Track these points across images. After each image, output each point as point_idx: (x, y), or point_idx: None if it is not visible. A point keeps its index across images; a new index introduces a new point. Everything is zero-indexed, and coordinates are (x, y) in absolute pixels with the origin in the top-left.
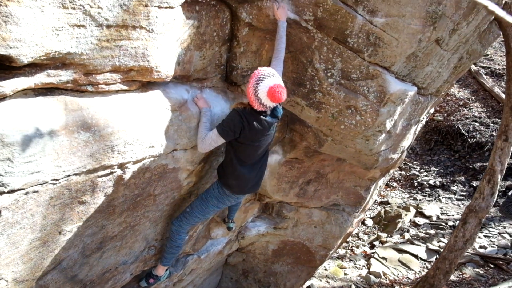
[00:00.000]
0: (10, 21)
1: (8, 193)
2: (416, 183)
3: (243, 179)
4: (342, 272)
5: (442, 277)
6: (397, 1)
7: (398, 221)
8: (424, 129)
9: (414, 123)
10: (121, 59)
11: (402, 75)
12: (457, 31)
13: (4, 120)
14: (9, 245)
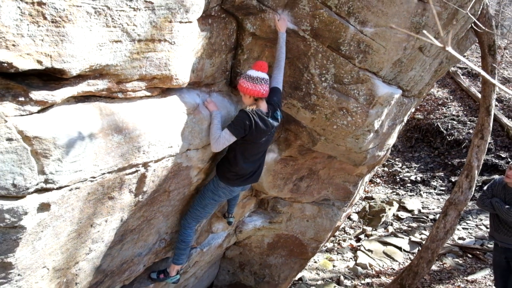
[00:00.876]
0: (65, 39)
1: (57, 189)
2: (398, 179)
3: (242, 173)
4: (330, 264)
5: (425, 266)
6: (385, 13)
7: (382, 215)
8: (405, 127)
9: (399, 123)
10: (147, 68)
11: (388, 79)
12: (438, 38)
13: (55, 125)
14: (53, 236)
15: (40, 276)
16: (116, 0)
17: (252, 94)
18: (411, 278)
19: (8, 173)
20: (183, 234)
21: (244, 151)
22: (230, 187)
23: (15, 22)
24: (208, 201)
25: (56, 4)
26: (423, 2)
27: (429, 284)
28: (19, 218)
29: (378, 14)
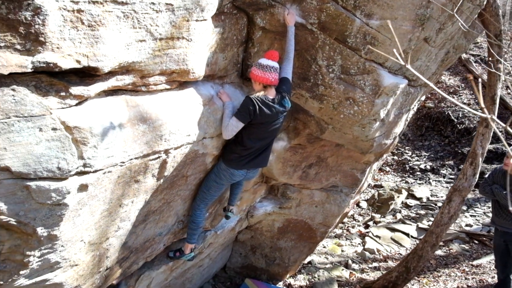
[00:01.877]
0: (99, 41)
1: (93, 173)
2: (408, 168)
3: (244, 154)
4: (339, 249)
5: (430, 249)
6: (390, 5)
7: (390, 203)
8: (415, 116)
9: (405, 112)
10: (167, 64)
11: (394, 69)
12: (443, 30)
13: (90, 116)
14: (89, 214)
15: (78, 248)
16: (142, 4)
17: (262, 81)
18: (416, 261)
19: (54, 158)
20: (193, 215)
21: (250, 134)
22: (230, 170)
23: (59, 28)
24: (212, 183)
25: (92, 10)
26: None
27: (434, 268)
28: (63, 196)
29: (384, 7)
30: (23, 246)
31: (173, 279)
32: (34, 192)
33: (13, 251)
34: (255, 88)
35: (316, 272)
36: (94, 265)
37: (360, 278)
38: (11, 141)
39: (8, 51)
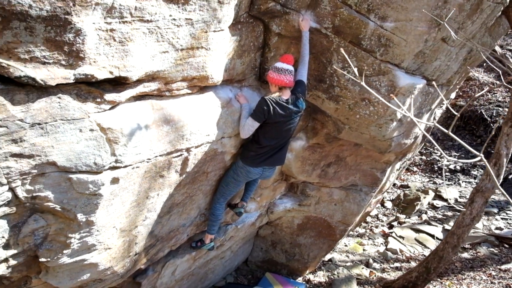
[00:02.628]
0: (128, 54)
1: (124, 168)
2: (436, 168)
3: (260, 152)
4: (361, 248)
5: (451, 250)
6: (405, 7)
7: (416, 204)
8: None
9: (426, 111)
10: (188, 71)
11: (412, 69)
12: (463, 29)
13: (121, 118)
14: (120, 204)
15: (111, 233)
16: (164, 21)
17: (277, 83)
18: (436, 262)
19: (91, 154)
20: (213, 208)
21: (265, 133)
22: (247, 167)
23: (95, 45)
24: (230, 179)
25: (122, 29)
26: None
27: (459, 270)
28: (99, 188)
29: (398, 9)
30: (66, 229)
31: (196, 268)
32: (75, 183)
33: (58, 233)
34: (272, 90)
35: (336, 269)
36: (125, 249)
37: (380, 277)
38: (57, 140)
39: (55, 66)
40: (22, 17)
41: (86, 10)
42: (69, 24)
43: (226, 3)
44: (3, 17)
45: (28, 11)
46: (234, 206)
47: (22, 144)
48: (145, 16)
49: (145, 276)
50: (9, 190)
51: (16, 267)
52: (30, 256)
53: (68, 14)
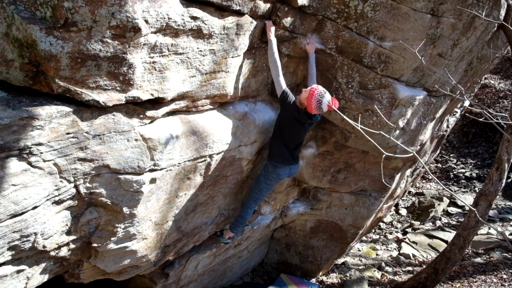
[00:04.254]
0: (165, 80)
1: (160, 170)
2: (452, 175)
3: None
4: (374, 253)
5: (457, 252)
6: (401, 28)
7: (431, 210)
8: (461, 122)
9: (429, 120)
10: (211, 90)
11: (412, 82)
12: (458, 45)
13: (158, 130)
14: (155, 200)
15: (148, 225)
16: (193, 52)
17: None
18: (444, 263)
19: (135, 159)
20: (244, 211)
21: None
22: (277, 169)
23: (141, 73)
24: (263, 185)
25: (161, 61)
26: (436, 16)
27: (471, 274)
28: (140, 186)
29: (395, 30)
30: (113, 220)
31: (216, 264)
32: (123, 182)
33: (107, 223)
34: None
35: (348, 271)
36: (157, 241)
37: (392, 279)
38: (111, 148)
39: (113, 91)
40: (93, 58)
41: (136, 49)
42: (124, 60)
43: (242, 34)
44: (82, 59)
45: (98, 54)
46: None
47: (86, 151)
48: (179, 50)
49: (172, 268)
50: (74, 187)
51: (74, 250)
52: (85, 242)
53: (124, 53)
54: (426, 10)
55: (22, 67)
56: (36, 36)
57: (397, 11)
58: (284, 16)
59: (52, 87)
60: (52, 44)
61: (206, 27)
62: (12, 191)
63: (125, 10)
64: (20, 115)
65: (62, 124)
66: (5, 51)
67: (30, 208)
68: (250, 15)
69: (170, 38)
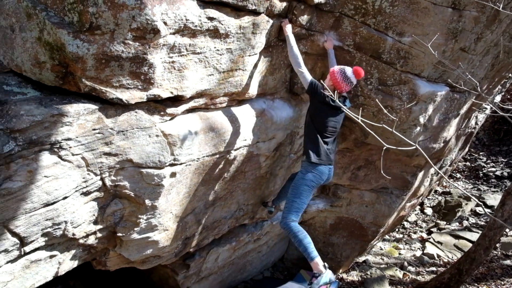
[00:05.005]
0: (184, 78)
1: (179, 165)
2: (481, 174)
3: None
4: (397, 252)
5: (483, 252)
6: (421, 23)
7: (457, 210)
8: (492, 119)
9: (453, 117)
10: (228, 88)
11: (434, 78)
12: (482, 39)
13: (178, 127)
14: (176, 194)
15: (169, 217)
16: (210, 52)
17: (336, 85)
18: (468, 263)
19: (156, 154)
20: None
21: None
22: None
23: (161, 73)
24: (302, 188)
25: (180, 60)
26: (458, 10)
27: (499, 276)
28: (161, 179)
29: (414, 26)
30: (136, 212)
31: (236, 258)
32: (145, 176)
33: (131, 214)
34: (327, 85)
35: (369, 270)
36: (178, 232)
37: (414, 279)
38: (134, 143)
39: (134, 90)
40: (116, 59)
41: (156, 50)
42: (145, 61)
43: (258, 33)
44: (106, 60)
45: (121, 55)
46: (266, 205)
47: (111, 146)
48: (196, 50)
49: (193, 260)
50: (100, 180)
51: (101, 239)
52: (110, 232)
53: (145, 54)
54: (447, 4)
55: (53, 68)
56: (64, 39)
57: (416, 5)
58: (300, 14)
59: (80, 86)
60: (79, 46)
61: (222, 27)
62: (44, 182)
63: (145, 13)
64: (51, 112)
65: (89, 121)
66: (38, 54)
67: (61, 198)
68: (266, 14)
69: (188, 38)
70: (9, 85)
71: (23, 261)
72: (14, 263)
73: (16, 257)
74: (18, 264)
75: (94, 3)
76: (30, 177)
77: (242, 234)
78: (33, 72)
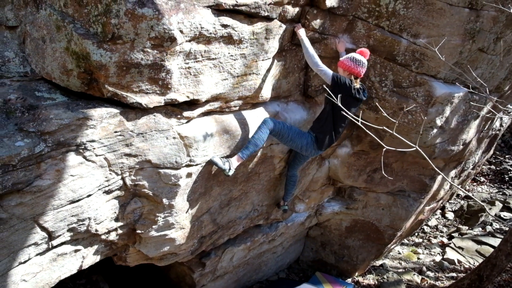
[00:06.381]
0: (199, 83)
1: (195, 165)
2: (507, 178)
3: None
4: (415, 256)
5: (504, 258)
6: (436, 25)
7: (480, 215)
8: None
9: (473, 118)
10: (242, 92)
11: (451, 79)
12: (502, 38)
13: (194, 129)
14: (191, 193)
15: (185, 216)
16: (224, 57)
17: (352, 72)
18: (489, 269)
19: (173, 155)
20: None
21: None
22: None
23: (178, 78)
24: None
25: (196, 66)
26: (475, 10)
27: None
28: (178, 179)
29: (430, 27)
30: (155, 210)
31: (251, 258)
32: (162, 176)
33: (149, 213)
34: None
35: (386, 273)
36: (194, 231)
37: (432, 284)
38: (152, 145)
39: (153, 95)
40: (136, 66)
41: (173, 57)
42: (163, 67)
43: (271, 38)
44: (126, 67)
45: (140, 62)
46: (279, 206)
47: (131, 147)
48: (211, 56)
49: (208, 258)
50: (121, 179)
51: (121, 235)
52: (130, 229)
53: (163, 61)
54: (463, 4)
55: (79, 75)
56: (89, 49)
57: (431, 7)
58: (313, 19)
59: (103, 91)
60: (102, 55)
61: (236, 34)
62: (70, 181)
63: (162, 22)
64: (77, 116)
65: (111, 124)
66: (66, 62)
67: (85, 196)
68: (279, 20)
69: (203, 45)
70: (40, 91)
71: (51, 254)
72: (42, 256)
73: (45, 250)
74: (46, 256)
75: (116, 15)
76: (58, 176)
77: (257, 234)
78: (61, 79)
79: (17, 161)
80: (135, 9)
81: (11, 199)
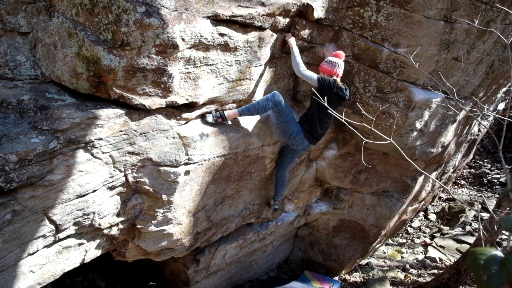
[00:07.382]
0: (198, 87)
1: (193, 164)
2: (486, 181)
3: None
4: (399, 255)
5: None
6: (415, 35)
7: (461, 216)
8: (497, 127)
9: (450, 122)
10: (236, 96)
11: (428, 85)
12: (475, 48)
13: (192, 130)
14: (188, 190)
15: (182, 212)
16: (221, 63)
17: (331, 73)
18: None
19: (173, 154)
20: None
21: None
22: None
23: (178, 82)
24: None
25: (195, 71)
26: (450, 23)
27: None
28: (176, 177)
29: (409, 37)
30: (154, 206)
31: (242, 256)
32: (162, 173)
33: (149, 208)
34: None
35: (371, 271)
36: (190, 227)
37: (415, 280)
38: (153, 144)
39: (156, 97)
40: (142, 70)
41: (175, 62)
42: (165, 72)
43: (264, 46)
44: (133, 71)
45: (145, 67)
46: (269, 205)
47: (134, 146)
48: (209, 62)
49: (202, 255)
50: (123, 176)
51: (122, 230)
52: (131, 224)
53: (165, 66)
54: (439, 17)
55: (88, 78)
56: (100, 54)
57: (410, 19)
58: (302, 29)
59: (110, 94)
60: (112, 60)
61: (232, 42)
62: (79, 176)
63: (167, 31)
64: (87, 116)
65: (117, 123)
66: (76, 66)
67: (91, 191)
68: (271, 29)
69: (202, 52)
70: (50, 93)
71: (57, 247)
72: (49, 248)
73: (52, 243)
74: (52, 249)
75: (126, 24)
76: (68, 171)
77: (249, 232)
78: (71, 81)
79: (33, 156)
80: (143, 19)
81: (25, 192)
